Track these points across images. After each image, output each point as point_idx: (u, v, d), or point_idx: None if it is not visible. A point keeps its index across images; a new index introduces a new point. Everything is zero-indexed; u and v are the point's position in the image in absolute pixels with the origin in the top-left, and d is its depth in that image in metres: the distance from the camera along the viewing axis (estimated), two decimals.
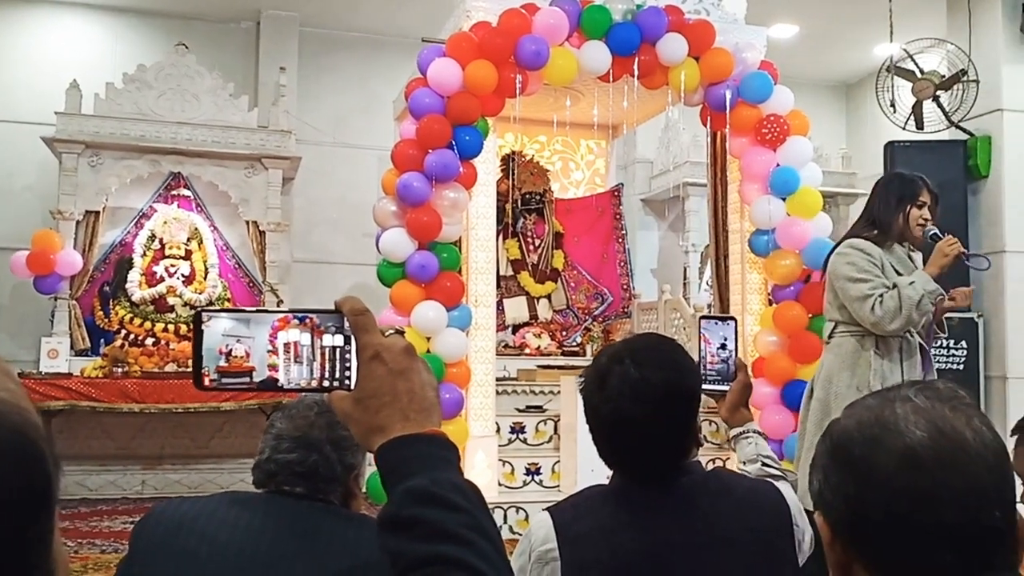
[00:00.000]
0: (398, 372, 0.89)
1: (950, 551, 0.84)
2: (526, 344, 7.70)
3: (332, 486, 1.63)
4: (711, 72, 5.60)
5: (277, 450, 1.62)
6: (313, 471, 1.60)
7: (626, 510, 1.59)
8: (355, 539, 1.51)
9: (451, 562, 0.82)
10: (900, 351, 3.33)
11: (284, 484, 1.60)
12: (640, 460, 1.62)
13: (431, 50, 5.32)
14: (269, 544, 1.48)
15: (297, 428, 1.63)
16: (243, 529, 1.50)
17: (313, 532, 1.52)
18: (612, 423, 1.59)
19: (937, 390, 0.90)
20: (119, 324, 7.09)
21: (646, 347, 1.65)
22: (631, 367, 1.59)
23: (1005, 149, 7.22)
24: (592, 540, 1.57)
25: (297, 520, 1.53)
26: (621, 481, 1.65)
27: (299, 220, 8.16)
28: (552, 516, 1.62)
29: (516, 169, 7.93)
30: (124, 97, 7.14)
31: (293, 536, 1.50)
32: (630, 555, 1.55)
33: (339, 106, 8.52)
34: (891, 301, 3.19)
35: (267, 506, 1.57)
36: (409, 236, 5.17)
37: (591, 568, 1.55)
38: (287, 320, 0.91)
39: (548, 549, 1.58)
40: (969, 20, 7.37)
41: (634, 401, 1.56)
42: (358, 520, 1.59)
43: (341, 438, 1.63)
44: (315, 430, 1.63)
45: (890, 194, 3.44)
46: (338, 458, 1.62)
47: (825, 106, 9.90)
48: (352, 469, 1.66)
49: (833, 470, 0.91)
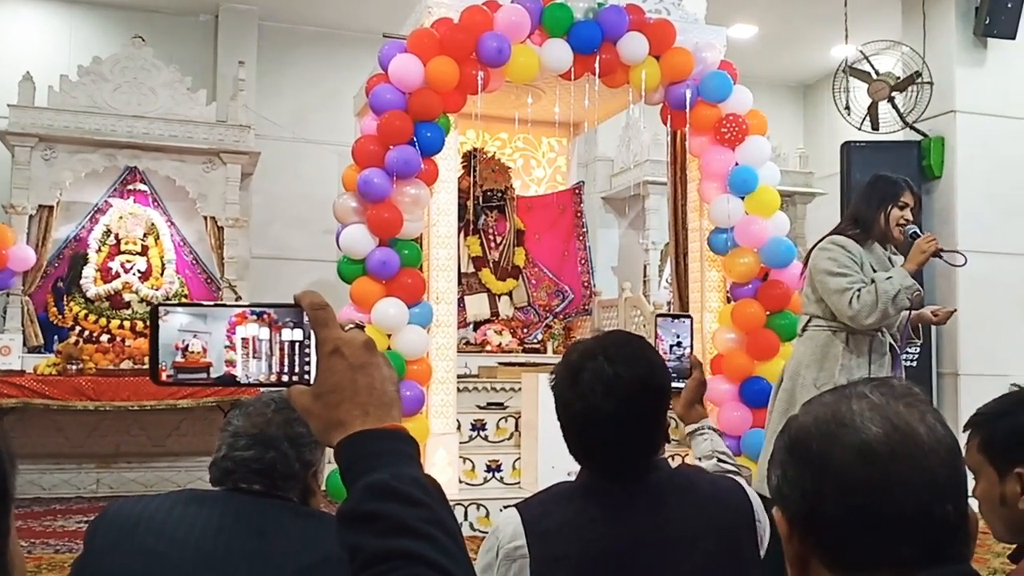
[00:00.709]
0: (358, 367, 0.89)
1: (904, 544, 0.86)
2: (487, 341, 7.70)
3: (290, 483, 1.61)
4: (671, 71, 5.64)
5: (234, 448, 1.61)
6: (271, 468, 1.59)
7: (595, 506, 1.59)
8: (314, 536, 1.50)
9: (411, 556, 0.82)
10: (870, 349, 3.38)
11: (241, 482, 1.59)
12: (612, 456, 1.62)
13: (392, 46, 5.30)
14: (227, 542, 1.47)
15: (254, 425, 1.62)
16: (200, 527, 1.48)
17: (272, 530, 1.51)
18: (585, 419, 1.59)
19: (892, 387, 0.92)
20: (73, 320, 6.98)
21: (617, 343, 1.66)
22: (604, 363, 1.59)
23: (958, 150, 7.36)
24: (561, 536, 1.57)
25: (255, 518, 1.52)
26: (589, 477, 1.64)
27: (258, 216, 8.08)
28: (520, 513, 1.62)
29: (478, 166, 7.92)
30: (79, 90, 7.02)
31: (251, 534, 1.49)
32: (599, 551, 1.55)
33: (299, 101, 8.45)
34: (868, 296, 3.24)
35: (225, 504, 1.55)
36: (370, 232, 5.14)
37: (560, 564, 1.55)
38: (245, 315, 0.91)
39: (517, 546, 1.57)
40: (924, 23, 7.51)
41: (607, 397, 1.57)
42: (317, 517, 1.58)
43: (299, 435, 1.61)
44: (272, 427, 1.61)
45: (873, 194, 3.51)
46: (296, 455, 1.61)
47: (783, 106, 10.02)
48: (310, 466, 1.65)
49: (791, 465, 0.92)
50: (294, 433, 1.61)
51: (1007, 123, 7.48)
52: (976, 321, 7.24)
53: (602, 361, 1.60)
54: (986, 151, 7.39)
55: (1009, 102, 7.47)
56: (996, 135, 7.43)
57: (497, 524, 1.64)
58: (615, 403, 1.57)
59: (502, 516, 1.65)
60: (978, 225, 7.34)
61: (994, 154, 7.40)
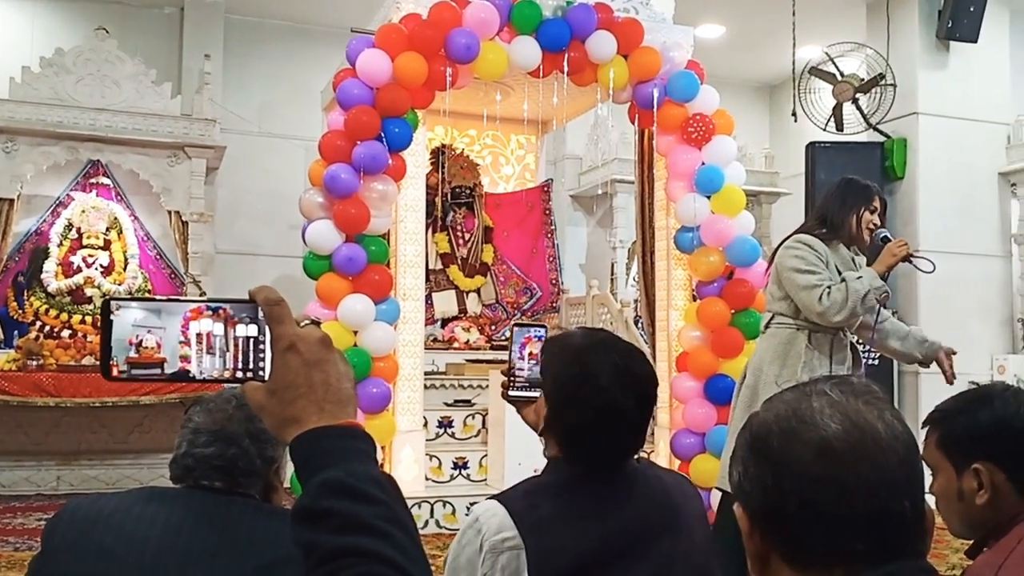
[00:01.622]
0: (313, 363, 0.88)
1: (862, 539, 0.87)
2: (455, 338, 7.69)
3: (252, 480, 1.60)
4: (639, 70, 5.66)
5: (194, 444, 1.59)
6: (232, 465, 1.57)
7: (584, 498, 1.61)
8: (276, 533, 1.49)
9: (367, 554, 0.81)
10: (831, 348, 3.41)
11: (202, 479, 1.57)
12: (613, 450, 1.64)
13: (360, 41, 5.27)
14: (188, 540, 1.45)
15: (215, 422, 1.60)
16: (161, 525, 1.46)
17: (233, 527, 1.49)
18: (604, 414, 1.59)
19: (851, 385, 0.93)
20: (34, 315, 6.87)
21: (614, 339, 1.69)
22: (616, 358, 1.61)
23: (920, 151, 7.46)
24: (555, 528, 1.57)
25: (216, 515, 1.51)
26: (572, 472, 1.64)
27: (223, 211, 8.00)
28: (504, 504, 1.60)
29: (446, 162, 7.90)
30: (41, 82, 6.91)
31: (212, 532, 1.48)
32: (593, 542, 1.56)
33: (265, 95, 8.38)
34: (838, 293, 3.27)
35: (186, 502, 1.54)
36: (336, 228, 5.11)
37: (558, 555, 1.55)
38: (200, 310, 0.90)
39: (505, 538, 1.55)
40: (888, 26, 7.60)
41: (625, 392, 1.59)
42: (279, 514, 1.57)
43: (260, 431, 1.60)
44: (233, 423, 1.60)
45: (846, 197, 3.54)
46: (257, 451, 1.60)
47: (749, 107, 10.10)
48: (272, 462, 1.63)
49: (752, 462, 0.93)
50: (255, 429, 1.60)
51: (968, 125, 7.60)
52: (937, 321, 7.34)
53: (614, 356, 1.62)
54: (947, 153, 7.50)
55: (970, 104, 7.60)
56: (957, 137, 7.54)
57: (477, 517, 1.61)
58: (632, 397, 1.60)
59: (482, 509, 1.62)
60: (939, 226, 7.45)
61: (955, 156, 7.52)
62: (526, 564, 1.54)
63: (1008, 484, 1.58)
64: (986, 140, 7.66)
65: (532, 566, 1.54)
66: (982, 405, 1.65)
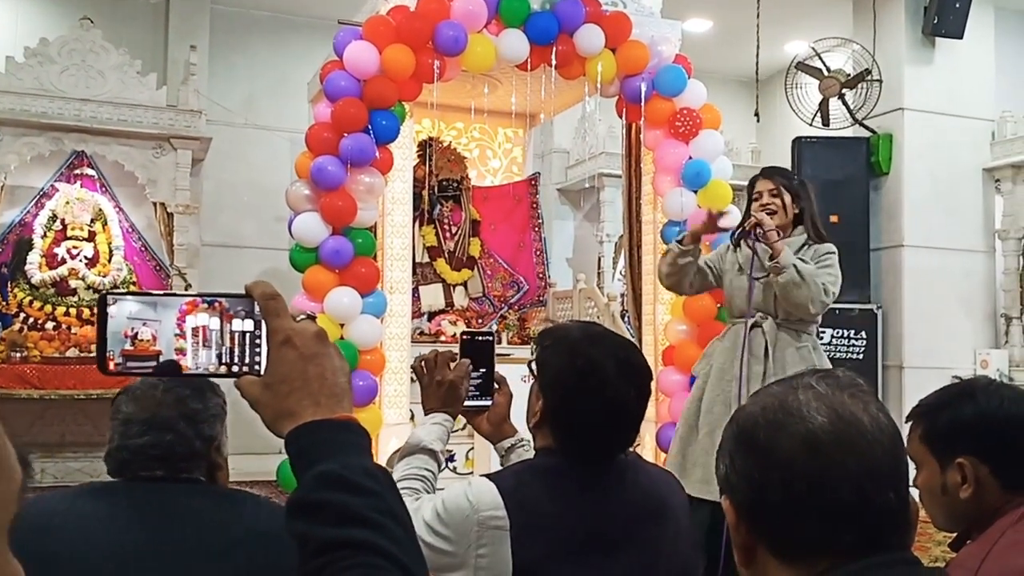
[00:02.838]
0: (309, 357, 0.89)
1: (847, 531, 0.88)
2: (442, 331, 7.68)
3: (194, 462, 1.55)
4: (627, 64, 5.67)
5: (127, 436, 1.54)
6: (170, 451, 1.52)
7: (570, 483, 1.62)
8: (227, 517, 1.47)
9: (362, 545, 0.82)
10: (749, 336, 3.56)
11: (141, 470, 1.52)
12: (611, 442, 1.66)
13: (347, 32, 5.25)
14: (136, 536, 1.41)
15: (145, 409, 1.55)
16: (105, 523, 1.42)
17: (181, 516, 1.45)
18: (609, 406, 1.61)
19: (837, 378, 0.94)
20: (18, 307, 6.82)
21: (609, 332, 1.72)
22: (617, 351, 1.63)
23: (905, 147, 7.50)
24: (539, 508, 1.58)
25: (163, 506, 1.47)
26: (563, 459, 1.65)
27: (209, 202, 7.96)
28: (495, 482, 1.61)
29: (433, 155, 7.88)
30: (25, 72, 6.85)
31: (160, 524, 1.44)
32: (578, 525, 1.58)
33: (251, 87, 8.34)
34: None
35: (128, 496, 1.49)
36: (323, 221, 5.09)
37: (539, 535, 1.56)
38: (195, 304, 0.90)
39: (495, 515, 1.56)
40: (874, 21, 7.63)
41: (627, 384, 1.62)
42: (228, 497, 1.54)
43: (194, 412, 1.56)
44: (164, 408, 1.54)
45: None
46: (195, 433, 1.55)
47: (736, 101, 10.10)
48: (211, 440, 1.59)
49: (738, 454, 0.94)
50: (189, 411, 1.55)
51: (953, 121, 7.64)
52: (920, 315, 7.40)
53: (616, 349, 1.64)
54: (932, 148, 7.55)
55: (955, 100, 7.64)
56: (942, 133, 7.59)
57: (468, 488, 1.61)
58: (634, 390, 1.63)
59: (476, 483, 1.62)
60: (924, 221, 7.50)
61: (940, 151, 7.57)
62: (510, 544, 1.55)
63: (991, 478, 1.60)
64: (971, 136, 7.70)
65: (515, 542, 1.55)
66: (966, 399, 1.66)
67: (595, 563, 1.58)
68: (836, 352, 7.29)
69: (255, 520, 1.48)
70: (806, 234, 3.68)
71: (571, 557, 1.57)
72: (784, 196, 3.67)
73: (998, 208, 7.79)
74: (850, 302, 7.42)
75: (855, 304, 7.43)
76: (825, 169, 7.58)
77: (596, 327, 1.73)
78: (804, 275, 3.40)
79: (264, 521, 1.48)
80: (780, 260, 3.41)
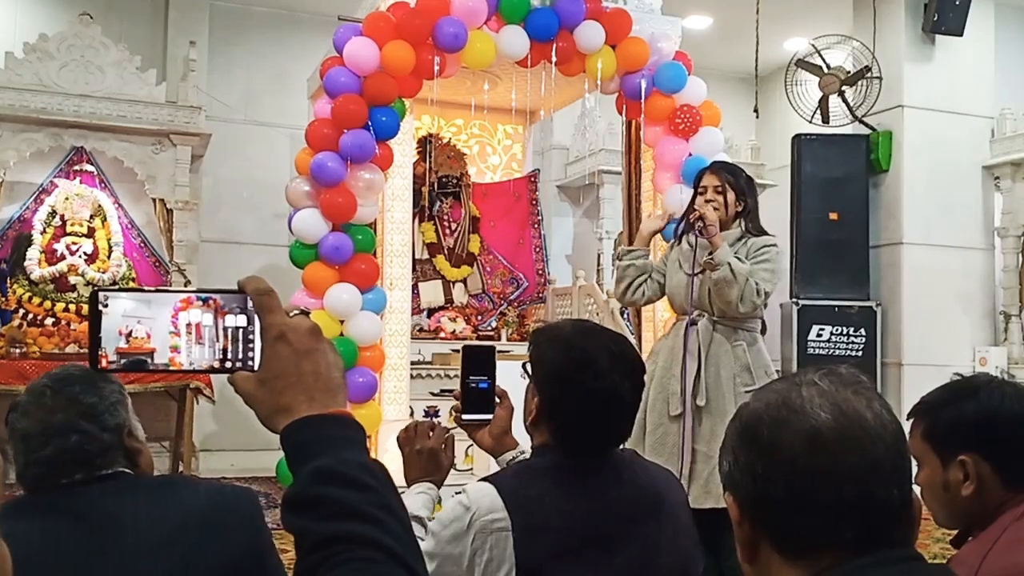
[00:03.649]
0: (303, 352, 0.89)
1: (849, 527, 0.88)
2: (441, 328, 7.68)
3: (109, 456, 1.50)
4: (627, 61, 5.66)
5: (31, 452, 1.48)
6: (80, 452, 1.47)
7: (571, 480, 1.63)
8: (161, 507, 1.43)
9: (359, 540, 0.82)
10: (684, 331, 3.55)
11: (61, 479, 1.47)
12: (607, 435, 1.67)
13: (347, 29, 5.24)
14: (72, 549, 1.38)
15: (39, 421, 1.49)
16: (35, 542, 1.37)
17: (113, 517, 1.41)
18: (604, 398, 1.61)
19: (840, 375, 0.94)
20: (17, 303, 6.81)
21: (601, 327, 1.73)
22: (611, 344, 1.64)
23: (905, 144, 7.50)
24: (542, 505, 1.58)
25: (92, 511, 1.42)
26: (561, 457, 1.66)
27: (208, 199, 7.95)
28: (494, 484, 1.61)
29: (433, 152, 7.87)
30: (24, 67, 6.84)
31: (94, 530, 1.40)
32: (579, 522, 1.58)
33: (251, 83, 8.33)
34: None
35: (52, 506, 1.44)
36: (323, 217, 5.09)
37: (542, 533, 1.56)
38: (189, 300, 0.89)
39: (496, 519, 1.56)
40: (874, 19, 7.62)
41: (621, 376, 1.62)
42: (160, 486, 1.52)
43: (90, 406, 1.51)
44: (58, 414, 1.49)
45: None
46: (99, 427, 1.50)
47: (736, 98, 10.08)
48: (120, 429, 1.54)
49: (742, 451, 0.94)
50: (84, 407, 1.50)
51: (952, 118, 7.64)
52: (919, 313, 7.40)
53: (609, 343, 1.65)
54: (932, 146, 7.54)
55: (955, 98, 7.63)
56: (942, 130, 7.59)
57: (467, 494, 1.62)
58: (629, 383, 1.63)
59: (473, 487, 1.63)
60: (923, 218, 7.50)
61: (939, 149, 7.56)
62: (513, 545, 1.55)
63: (993, 475, 1.60)
64: (970, 134, 7.70)
65: (518, 543, 1.54)
66: (967, 397, 1.66)
67: (596, 559, 1.58)
68: (835, 349, 7.29)
69: (193, 504, 1.45)
70: (742, 227, 3.61)
71: (573, 554, 1.57)
72: (728, 193, 3.61)
73: (997, 205, 7.78)
74: (849, 299, 7.43)
75: (854, 301, 7.43)
76: (825, 166, 7.58)
77: (588, 323, 1.75)
78: (737, 273, 3.34)
79: (203, 503, 1.46)
80: (716, 256, 3.36)
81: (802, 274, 7.54)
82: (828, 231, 7.53)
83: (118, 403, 1.56)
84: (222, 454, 7.28)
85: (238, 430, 7.14)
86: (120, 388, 1.59)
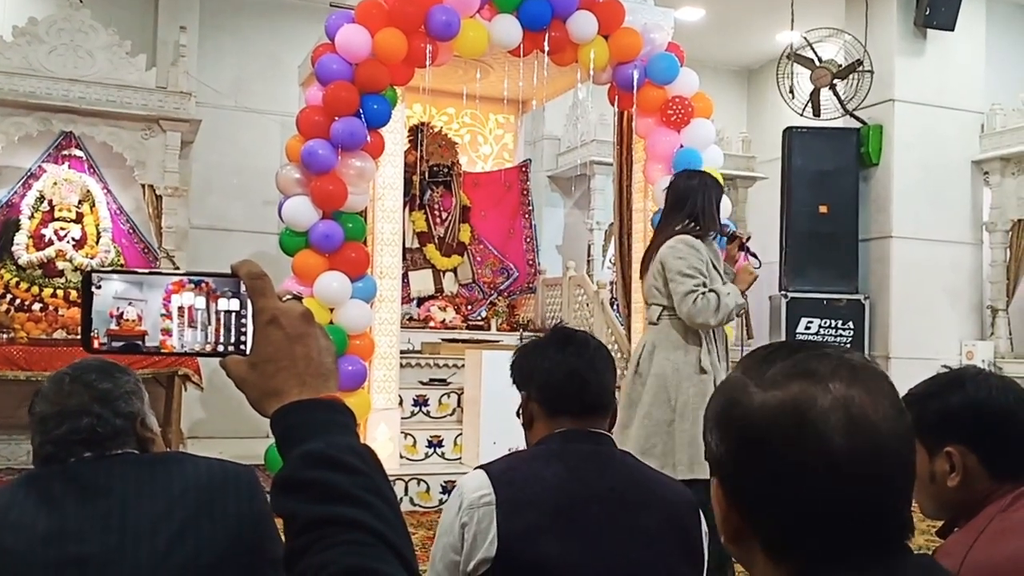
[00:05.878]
0: (295, 337, 0.89)
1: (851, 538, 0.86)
2: (431, 317, 7.68)
3: (120, 440, 1.56)
4: (619, 51, 5.65)
5: (46, 431, 1.54)
6: (92, 433, 1.53)
7: (559, 462, 1.70)
8: (163, 479, 1.49)
9: (348, 522, 0.82)
10: (714, 333, 3.59)
11: (70, 457, 1.53)
12: (581, 402, 1.79)
13: (340, 16, 5.22)
14: (74, 515, 1.44)
15: (55, 404, 1.56)
16: (46, 511, 1.44)
17: (116, 487, 1.48)
18: (565, 371, 1.79)
19: (854, 368, 0.88)
20: (4, 289, 6.77)
21: (563, 327, 1.93)
22: (558, 334, 1.86)
23: (895, 138, 7.52)
24: (528, 484, 1.65)
25: (95, 481, 1.48)
26: (553, 443, 1.74)
27: (197, 185, 7.91)
28: (485, 470, 1.70)
29: (424, 140, 7.86)
30: (13, 51, 6.78)
31: (98, 500, 1.46)
32: (564, 501, 1.64)
33: (241, 69, 8.28)
34: (710, 303, 3.44)
35: (65, 480, 1.50)
36: (313, 205, 5.08)
37: (528, 508, 1.62)
38: (182, 283, 0.89)
39: (481, 495, 1.64)
40: (866, 12, 7.63)
41: (574, 356, 1.81)
42: (163, 460, 1.56)
43: (106, 391, 1.56)
44: (73, 397, 1.55)
45: (712, 192, 3.67)
46: (112, 412, 1.55)
47: (728, 90, 10.10)
48: (134, 416, 1.59)
49: (749, 463, 0.89)
50: (99, 392, 1.56)
51: (942, 113, 7.67)
52: (907, 306, 7.43)
53: (557, 333, 1.87)
54: (922, 140, 7.57)
55: (945, 92, 7.66)
56: (932, 124, 7.61)
57: (460, 485, 1.71)
58: (577, 358, 1.81)
59: (467, 476, 1.72)
60: (912, 212, 7.53)
61: (929, 143, 7.59)
62: (496, 518, 1.60)
63: (979, 466, 1.61)
64: (960, 128, 7.73)
65: (500, 516, 1.61)
66: (954, 389, 1.67)
67: (579, 538, 1.62)
68: (824, 340, 7.31)
69: (194, 475, 1.52)
70: None
71: (555, 531, 1.61)
72: None
73: (986, 200, 7.82)
74: (838, 292, 7.46)
75: (843, 294, 7.46)
76: (815, 159, 7.60)
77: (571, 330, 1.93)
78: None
79: (203, 475, 1.52)
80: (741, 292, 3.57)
81: (791, 266, 7.57)
82: (818, 224, 7.55)
83: (133, 393, 1.61)
84: (210, 441, 7.26)
85: (226, 417, 7.13)
86: (136, 380, 1.65)
